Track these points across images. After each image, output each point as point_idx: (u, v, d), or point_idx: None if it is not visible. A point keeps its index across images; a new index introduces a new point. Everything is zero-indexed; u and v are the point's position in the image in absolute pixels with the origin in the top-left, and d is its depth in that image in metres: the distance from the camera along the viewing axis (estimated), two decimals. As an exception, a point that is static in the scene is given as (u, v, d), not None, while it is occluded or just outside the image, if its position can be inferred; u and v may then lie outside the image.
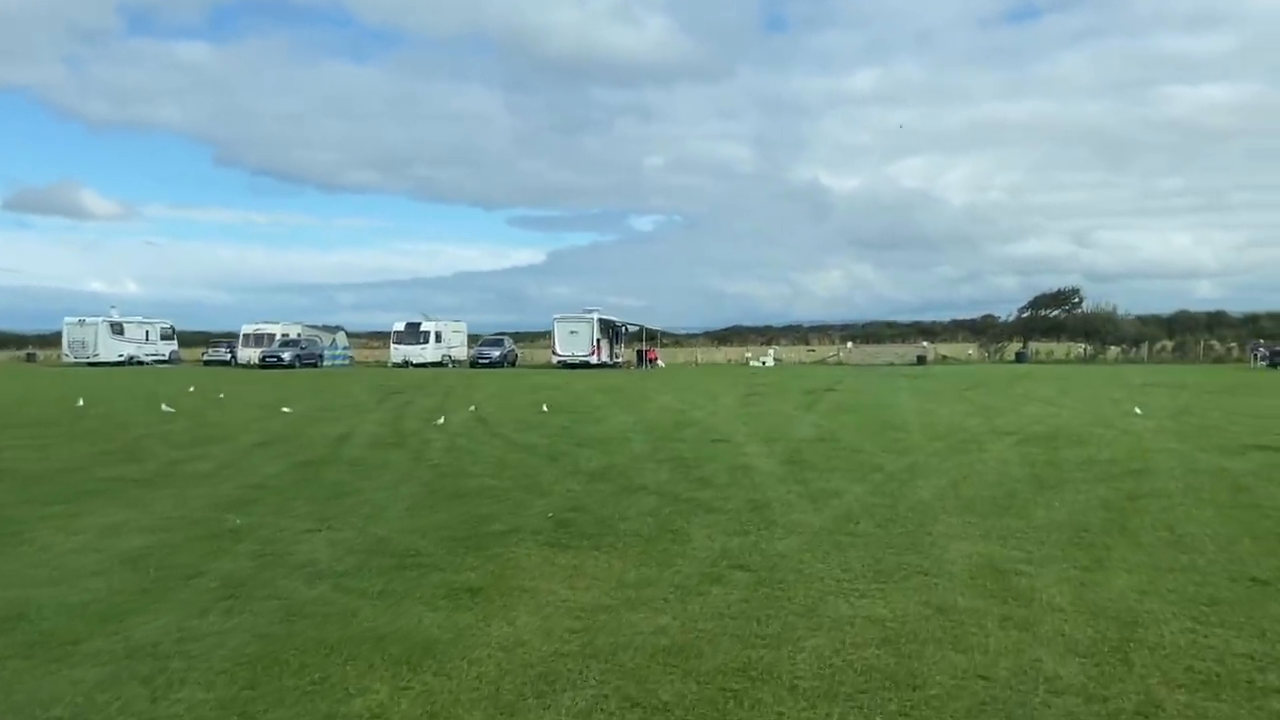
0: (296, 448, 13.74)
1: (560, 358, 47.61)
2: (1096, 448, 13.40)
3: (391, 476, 11.08)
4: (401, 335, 51.04)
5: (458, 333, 54.32)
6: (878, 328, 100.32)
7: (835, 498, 9.60)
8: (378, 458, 12.69)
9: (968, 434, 15.25)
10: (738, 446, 13.76)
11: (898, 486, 10.23)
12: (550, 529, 8.18)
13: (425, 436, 15.26)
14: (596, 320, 48.09)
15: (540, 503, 9.39)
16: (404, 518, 8.68)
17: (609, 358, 49.84)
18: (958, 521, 8.42)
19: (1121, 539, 7.69)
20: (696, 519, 8.57)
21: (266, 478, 10.98)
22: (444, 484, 10.56)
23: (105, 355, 51.14)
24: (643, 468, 11.69)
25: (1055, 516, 8.60)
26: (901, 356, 55.08)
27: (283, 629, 5.32)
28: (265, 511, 8.98)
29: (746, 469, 11.52)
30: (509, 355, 52.51)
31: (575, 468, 11.73)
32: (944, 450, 13.21)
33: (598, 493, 9.95)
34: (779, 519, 8.56)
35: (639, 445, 13.99)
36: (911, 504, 9.23)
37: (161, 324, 56.90)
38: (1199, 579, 6.46)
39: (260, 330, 52.54)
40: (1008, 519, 8.50)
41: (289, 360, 47.81)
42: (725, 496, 9.68)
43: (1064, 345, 59.27)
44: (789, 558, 7.12)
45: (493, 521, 8.49)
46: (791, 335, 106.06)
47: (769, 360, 53.78)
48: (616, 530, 8.12)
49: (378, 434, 15.68)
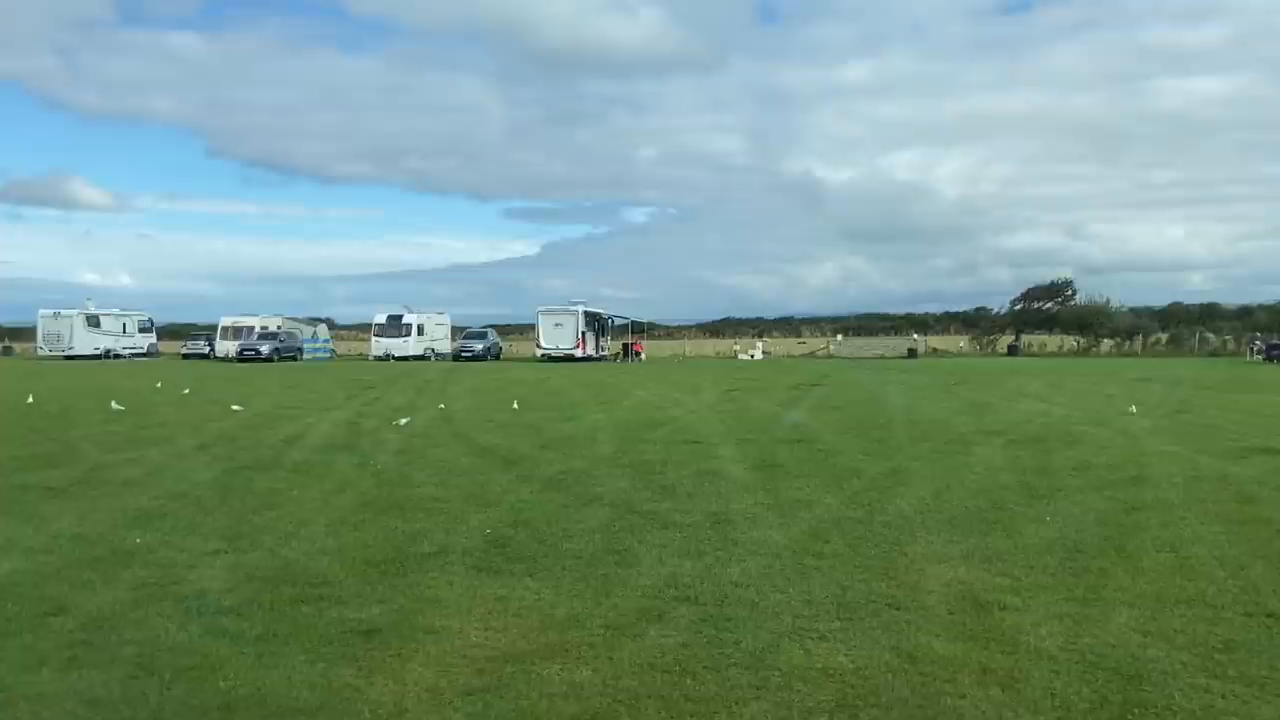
0: (238, 450, 12.85)
1: (545, 351, 46.75)
2: (1091, 450, 12.58)
3: (329, 485, 10.21)
4: (383, 328, 50.02)
5: (441, 325, 53.30)
6: (870, 320, 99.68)
7: (806, 509, 8.76)
8: (321, 462, 11.81)
9: (954, 434, 14.42)
10: (709, 448, 12.91)
11: (875, 496, 9.39)
12: (483, 550, 7.32)
13: (380, 437, 14.38)
14: (581, 313, 47.23)
15: (481, 516, 8.53)
16: (325, 535, 7.81)
17: (595, 351, 48.99)
18: (938, 540, 7.58)
19: (1120, 562, 6.86)
20: (649, 537, 7.72)
21: (192, 486, 10.09)
22: (383, 494, 9.69)
23: (81, 348, 49.99)
24: (603, 473, 10.84)
25: (1046, 534, 7.76)
26: (892, 349, 54.32)
27: (119, 690, 4.44)
28: (174, 528, 8.10)
29: (714, 475, 10.68)
30: (493, 348, 51.62)
31: (530, 474, 10.87)
32: (928, 453, 12.38)
33: (547, 504, 9.10)
34: (740, 536, 7.71)
35: (605, 447, 13.14)
36: (889, 517, 8.40)
37: (139, 316, 55.78)
38: (1210, 615, 5.63)
39: (239, 323, 51.44)
40: (993, 537, 7.67)
41: (267, 353, 46.72)
42: (686, 508, 8.83)
43: (1057, 338, 58.52)
44: (744, 586, 6.28)
45: (422, 540, 7.63)
46: (784, 328, 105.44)
47: (757, 353, 52.97)
48: (557, 551, 7.27)
49: (331, 435, 14.80)
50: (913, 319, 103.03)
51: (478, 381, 30.26)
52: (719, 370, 38.48)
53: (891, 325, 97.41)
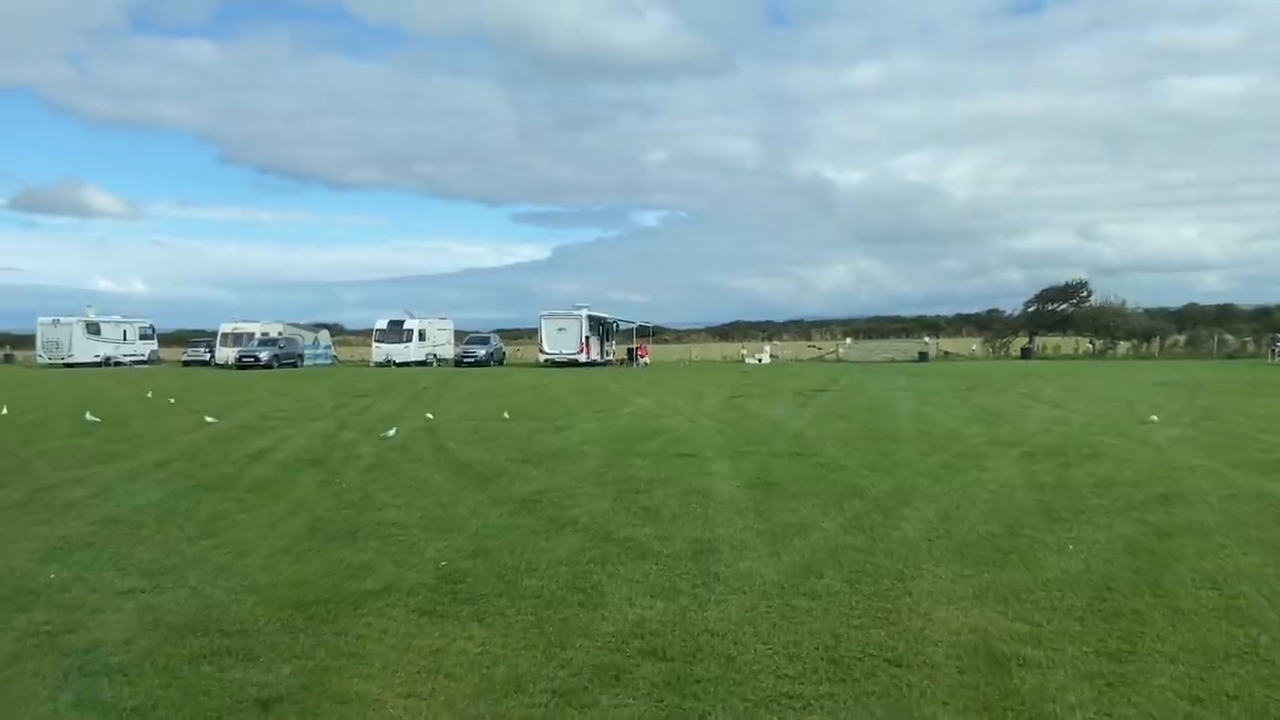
0: (199, 467, 12.06)
1: (548, 356, 45.94)
2: (1113, 464, 11.67)
3: (282, 507, 9.40)
4: (384, 334, 49.29)
5: (443, 330, 52.57)
6: (881, 323, 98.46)
7: (800, 535, 7.90)
8: (283, 480, 11.01)
9: (966, 446, 13.52)
10: (702, 463, 12.05)
11: (879, 519, 8.52)
12: (432, 587, 6.49)
13: (355, 451, 13.58)
14: (585, 317, 46.41)
15: (440, 545, 7.71)
16: (260, 569, 7.00)
17: (599, 355, 48.18)
18: (947, 573, 6.71)
19: (1156, 603, 5.98)
20: (621, 570, 6.88)
21: (133, 510, 9.30)
22: (339, 518, 8.88)
23: (80, 356, 49.43)
24: (583, 493, 9.99)
25: (1069, 566, 6.88)
26: (903, 353, 53.27)
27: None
28: (96, 560, 7.31)
29: (704, 494, 9.82)
30: (495, 353, 50.83)
31: (505, 493, 10.04)
32: (938, 468, 11.49)
33: (515, 530, 8.26)
34: (724, 569, 6.86)
35: (591, 461, 12.29)
36: (892, 545, 7.53)
37: (140, 323, 55.19)
38: (1267, 674, 4.76)
39: (239, 329, 50.79)
40: (1010, 569, 6.79)
41: (266, 360, 46.02)
42: (667, 535, 7.98)
43: (1071, 340, 57.34)
44: (721, 635, 5.43)
45: (367, 575, 6.80)
46: (794, 331, 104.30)
47: (765, 357, 51.99)
48: (515, 589, 6.44)
49: (305, 448, 14.00)
50: (924, 321, 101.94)
51: (475, 388, 29.47)
52: (724, 375, 37.59)
53: (903, 328, 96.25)
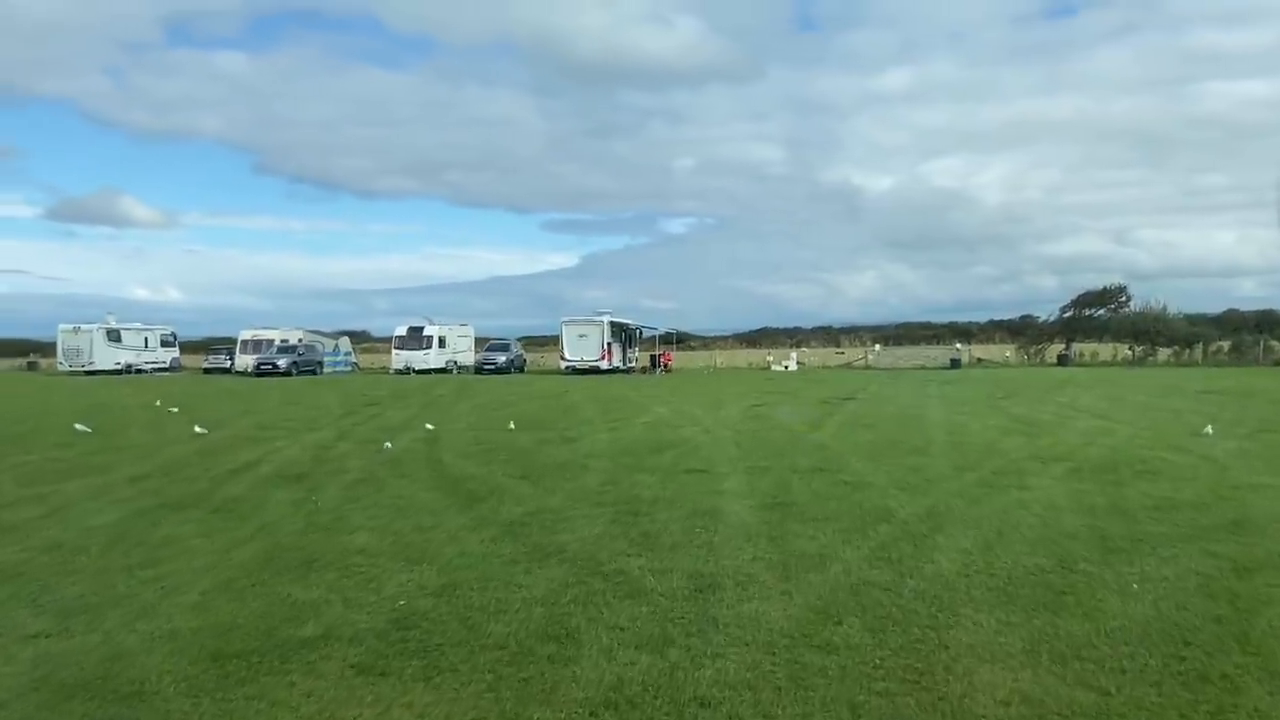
0: (173, 483, 11.24)
1: (569, 363, 45.08)
2: (1171, 483, 10.51)
3: (244, 531, 8.52)
4: (403, 340, 48.68)
5: (464, 337, 51.88)
6: (911, 329, 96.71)
7: (818, 569, 6.87)
8: (255, 499, 10.14)
9: (1006, 460, 12.38)
10: (714, 480, 11.04)
11: (908, 549, 7.47)
12: (381, 634, 5.55)
13: (345, 465, 12.71)
14: (607, 323, 45.52)
15: (405, 578, 6.77)
16: (191, 610, 6.09)
17: (621, 362, 47.25)
18: (990, 620, 5.67)
19: (1249, 664, 4.90)
20: (605, 612, 5.90)
21: (82, 533, 8.46)
22: (302, 543, 7.97)
23: (101, 363, 49.30)
24: (578, 514, 9.02)
25: (1136, 611, 5.80)
26: (934, 359, 51.79)
27: None
28: (16, 595, 6.47)
29: (712, 517, 8.81)
30: (516, 360, 50.04)
31: (492, 515, 9.09)
32: (975, 486, 10.40)
33: (493, 560, 7.31)
34: (725, 613, 5.86)
35: (593, 477, 11.32)
36: (924, 582, 6.49)
37: (162, 330, 55.11)
38: None
39: (258, 336, 50.44)
40: (1066, 616, 5.73)
41: (284, 367, 45.51)
42: (664, 567, 6.98)
43: (1109, 346, 55.55)
44: (712, 706, 4.44)
45: (310, 618, 5.88)
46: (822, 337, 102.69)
47: (791, 364, 50.77)
48: (478, 635, 5.48)
49: (293, 461, 13.16)
50: (955, 328, 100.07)
51: (490, 397, 28.63)
52: (748, 383, 36.50)
53: (934, 334, 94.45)
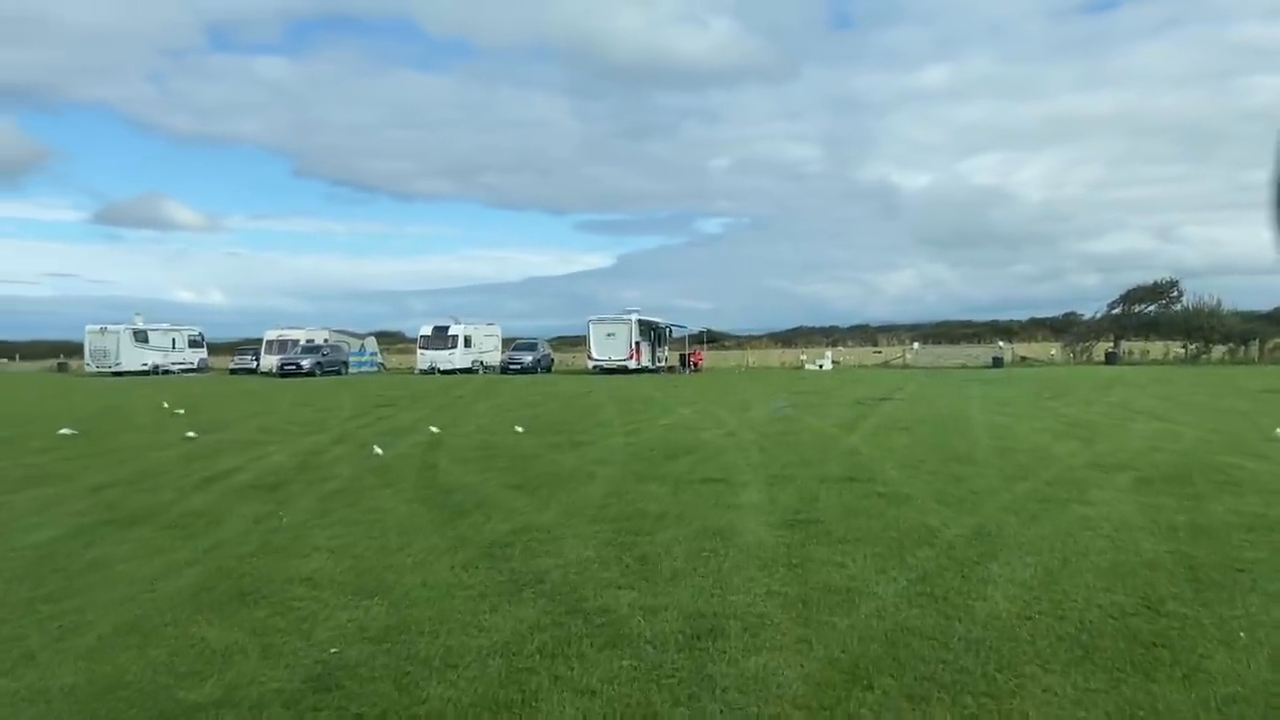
0: (135, 493, 10.27)
1: (596, 362, 43.95)
2: (1260, 497, 9.10)
3: (188, 551, 7.48)
4: (428, 340, 47.83)
5: (490, 336, 50.91)
6: (951, 327, 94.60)
7: (845, 609, 5.65)
8: (217, 512, 9.10)
9: (1062, 469, 11.02)
10: (731, 491, 9.82)
11: (955, 581, 6.22)
12: (292, 699, 4.44)
13: (331, 472, 11.68)
14: (635, 322, 44.32)
15: (347, 616, 5.67)
16: (79, 658, 5.03)
17: (650, 362, 46.03)
18: (1064, 686, 4.42)
19: None
20: (577, 668, 4.74)
21: (4, 554, 7.47)
22: (246, 569, 6.90)
23: (128, 364, 49.06)
24: (569, 533, 7.86)
25: (1251, 674, 4.52)
26: (974, 358, 49.91)
27: None
28: (-116, 635, 5.44)
29: (723, 537, 7.61)
30: (543, 360, 48.99)
31: (472, 534, 7.97)
32: (1029, 500, 9.08)
33: (458, 592, 6.17)
34: (726, 671, 4.68)
35: (597, 488, 10.16)
36: (976, 627, 5.24)
37: (189, 331, 54.88)
38: None
39: (284, 336, 49.91)
40: (1161, 678, 4.46)
41: (308, 368, 44.85)
42: (658, 604, 5.80)
43: (1160, 344, 53.22)
44: (691, 824, 3.25)
45: (214, 673, 4.78)
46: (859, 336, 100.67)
47: (826, 363, 49.19)
48: (411, 701, 4.35)
49: (276, 469, 12.16)
50: (996, 326, 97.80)
51: (511, 397, 27.60)
52: (780, 383, 35.13)
53: (973, 332, 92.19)
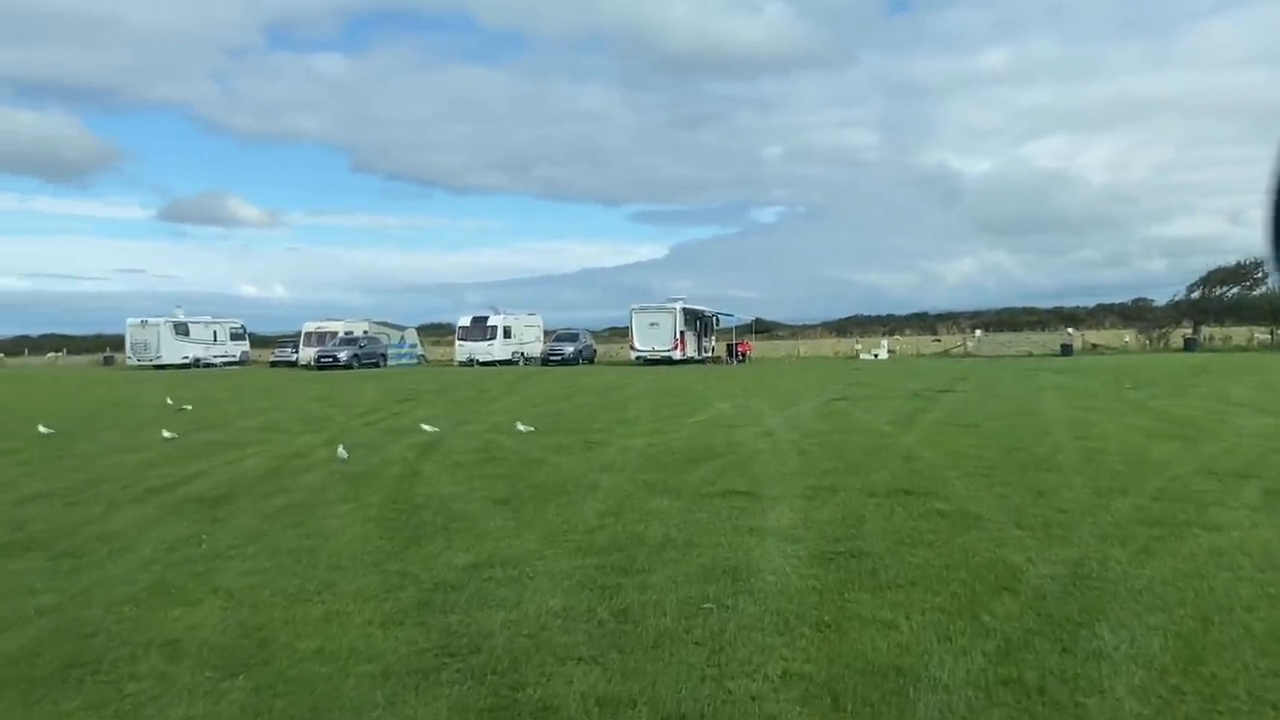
0: (60, 509, 8.84)
1: (639, 353, 42.18)
2: None
3: (52, 594, 5.96)
4: (467, 331, 46.40)
5: (531, 327, 49.38)
6: (1014, 314, 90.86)
7: (894, 702, 3.84)
8: (134, 535, 7.59)
9: (1167, 478, 8.99)
10: (757, 508, 8.02)
11: (1053, 659, 4.37)
12: None
13: (295, 483, 10.16)
14: (680, 310, 42.44)
15: (183, 713, 4.03)
16: None
17: (696, 352, 44.14)
18: None
19: None
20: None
21: None
22: (100, 625, 5.34)
23: (169, 357, 48.63)
24: (542, 570, 6.16)
25: None
26: (1041, 346, 47.06)
27: None
28: None
29: (736, 578, 5.83)
30: (585, 351, 47.36)
31: (417, 570, 6.31)
32: (1134, 521, 7.12)
33: (357, 669, 4.51)
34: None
35: (594, 505, 8.43)
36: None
37: (231, 324, 54.41)
38: None
39: (322, 328, 49.01)
40: None
41: (345, 360, 43.75)
42: (623, 694, 4.06)
43: (1243, 330, 49.69)
44: None
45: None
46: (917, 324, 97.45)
47: (881, 352, 46.78)
48: None
49: (240, 476, 10.69)
50: (1061, 313, 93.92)
51: (543, 390, 26.04)
52: (832, 373, 33.03)
53: (1037, 320, 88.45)
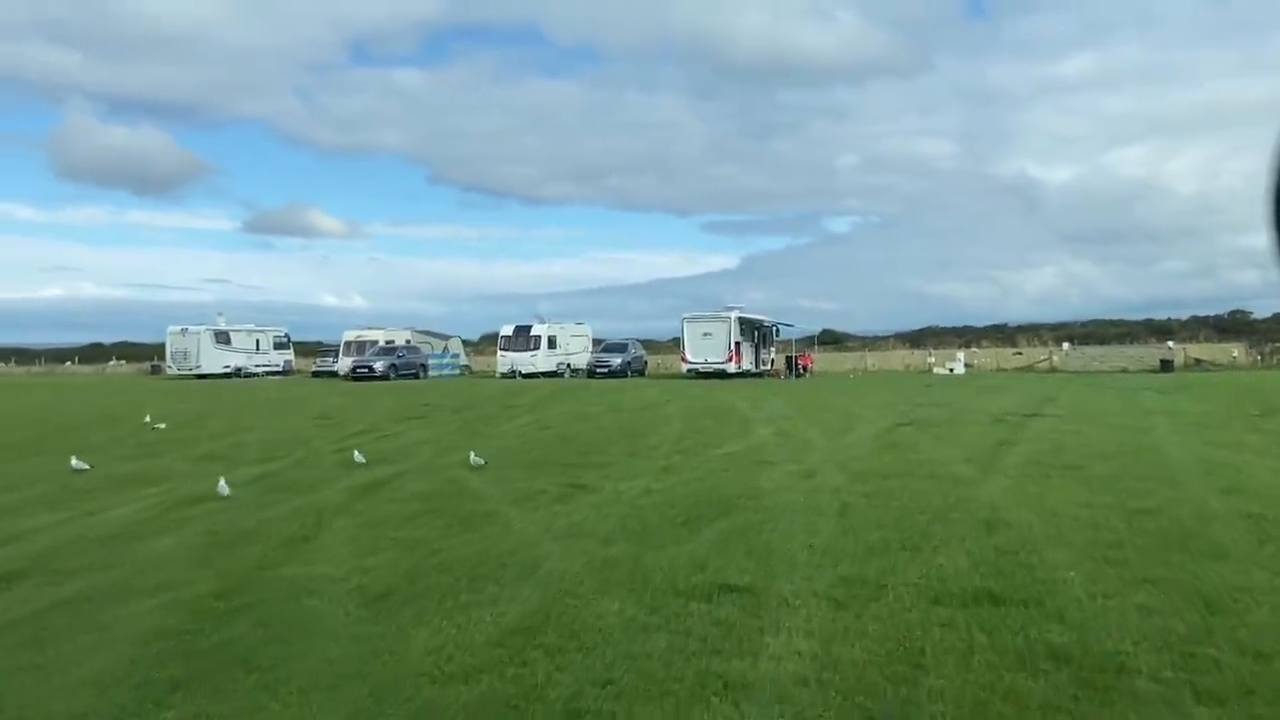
0: None
1: (691, 365, 39.28)
2: None
3: None
4: (509, 341, 44.00)
5: (579, 337, 46.79)
6: (1100, 326, 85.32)
7: None
8: None
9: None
10: (758, 624, 5.23)
11: None
12: None
13: (131, 554, 7.72)
14: (735, 320, 39.46)
15: None
16: None
17: (753, 364, 41.11)
18: None
19: None
20: None
21: None
22: None
23: (208, 366, 47.41)
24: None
25: None
26: (1136, 360, 42.78)
27: None
28: None
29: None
30: (634, 362, 44.40)
31: None
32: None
33: None
34: None
35: (514, 605, 5.75)
36: None
37: (275, 332, 53.20)
38: None
39: (362, 337, 47.18)
40: None
41: (382, 370, 41.72)
42: None
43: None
44: None
45: None
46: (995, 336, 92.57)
47: (957, 366, 43.06)
48: None
49: (80, 536, 8.34)
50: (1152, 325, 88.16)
51: (565, 408, 23.48)
52: (900, 390, 29.78)
53: (1126, 332, 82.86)
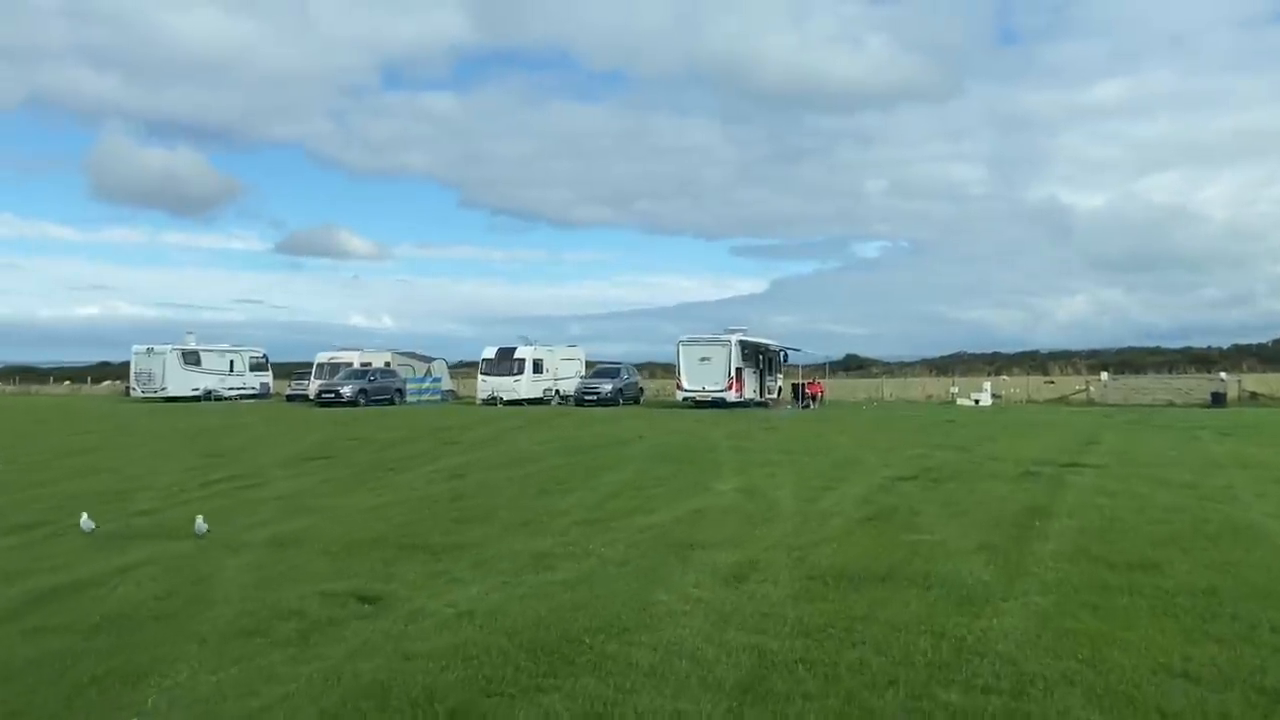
0: None
1: (686, 394, 35.73)
2: None
3: None
4: (491, 364, 40.32)
5: (570, 360, 43.20)
6: (1136, 354, 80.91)
7: None
8: None
9: None
10: None
11: None
12: None
13: None
14: (736, 343, 35.92)
15: None
16: None
17: (755, 393, 37.52)
18: None
19: None
20: None
21: None
22: None
23: (176, 389, 44.01)
24: None
25: None
26: (1184, 393, 38.73)
27: None
28: None
29: None
30: (627, 389, 40.65)
31: None
32: None
33: None
34: None
35: None
36: None
37: (252, 353, 49.98)
38: None
39: (335, 359, 43.71)
40: None
41: (350, 396, 38.28)
42: None
43: None
44: None
45: None
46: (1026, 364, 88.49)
47: (983, 397, 39.15)
48: None
49: None
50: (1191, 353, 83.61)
51: (509, 447, 20.05)
52: (917, 425, 26.12)
53: (1164, 360, 78.39)
